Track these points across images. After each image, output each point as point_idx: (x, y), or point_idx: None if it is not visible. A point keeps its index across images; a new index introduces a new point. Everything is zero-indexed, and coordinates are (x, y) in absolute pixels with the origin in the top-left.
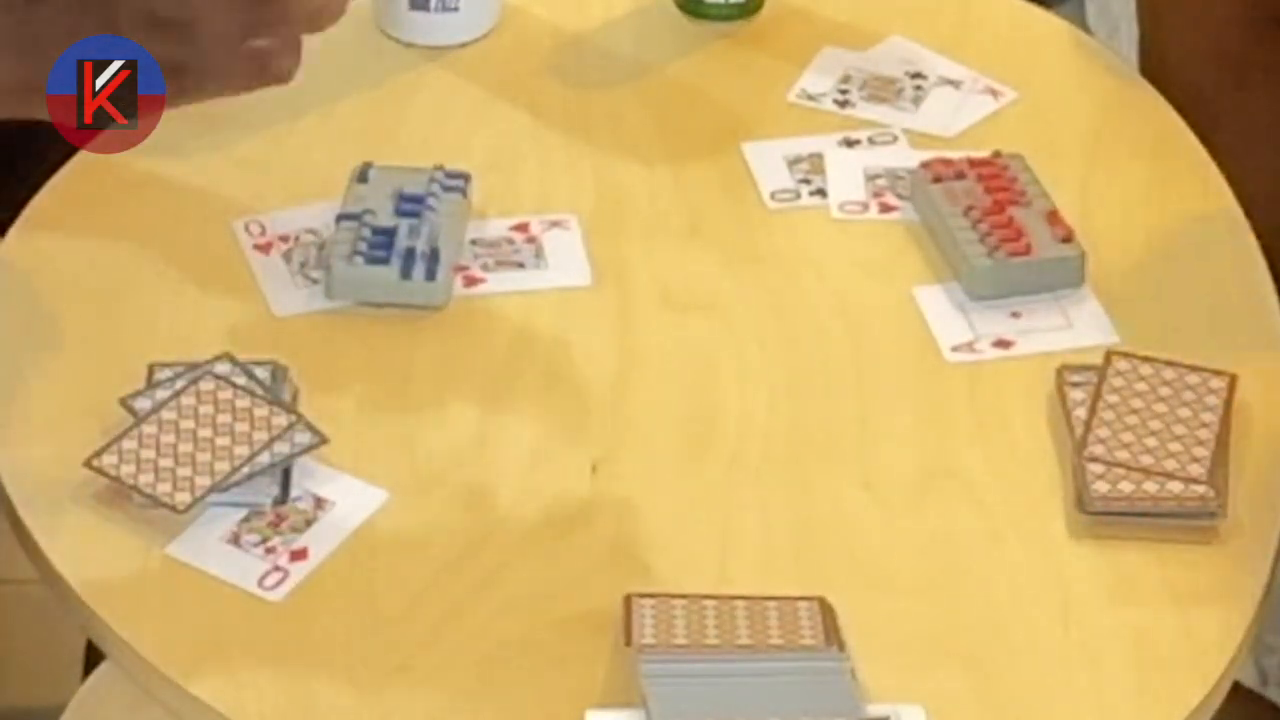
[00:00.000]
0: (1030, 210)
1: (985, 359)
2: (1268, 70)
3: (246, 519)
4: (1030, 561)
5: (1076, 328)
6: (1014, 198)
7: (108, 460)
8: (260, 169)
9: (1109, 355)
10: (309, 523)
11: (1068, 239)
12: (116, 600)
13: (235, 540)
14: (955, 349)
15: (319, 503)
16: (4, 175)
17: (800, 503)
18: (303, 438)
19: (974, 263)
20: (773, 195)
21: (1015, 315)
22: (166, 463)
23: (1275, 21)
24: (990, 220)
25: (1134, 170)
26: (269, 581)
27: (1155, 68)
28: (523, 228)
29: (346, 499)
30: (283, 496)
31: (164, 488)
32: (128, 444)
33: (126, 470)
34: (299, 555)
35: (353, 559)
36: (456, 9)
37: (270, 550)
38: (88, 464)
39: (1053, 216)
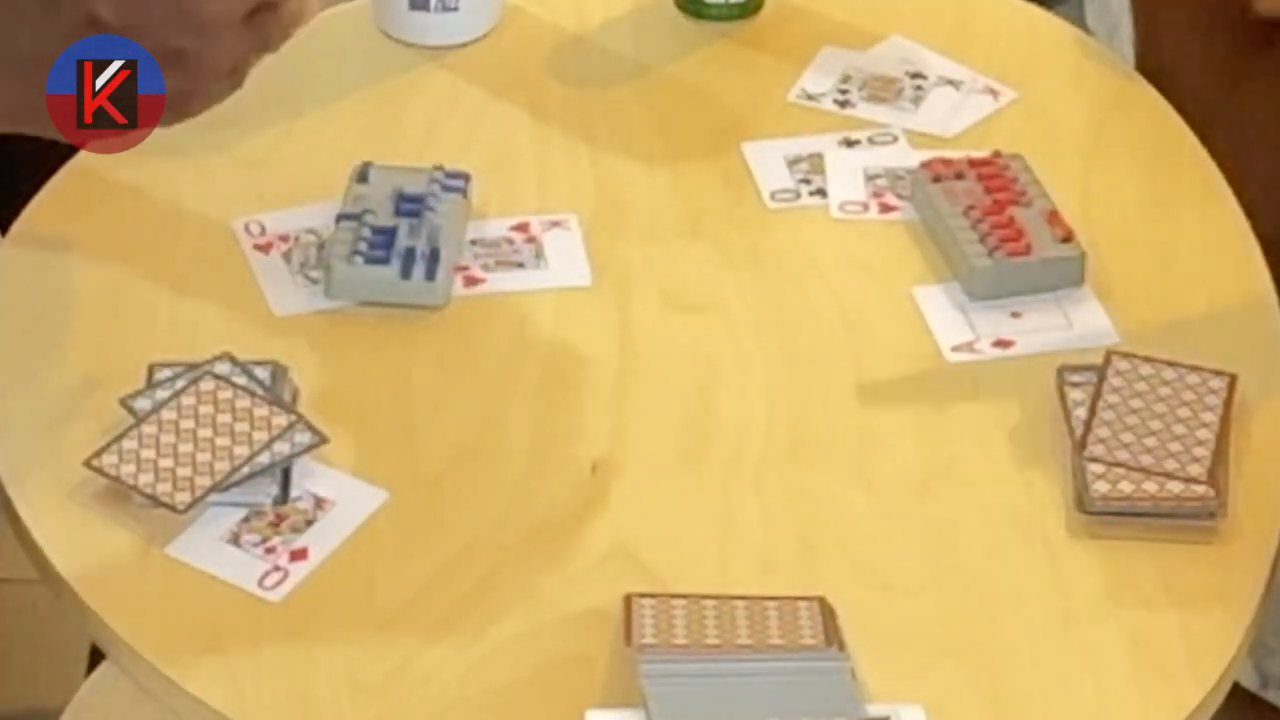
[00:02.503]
0: (1030, 210)
1: (985, 359)
2: (1262, 75)
3: (246, 519)
4: (1030, 561)
5: (1076, 328)
6: (1014, 198)
7: (108, 460)
8: (260, 169)
9: (1109, 355)
10: (309, 523)
11: (1068, 239)
12: (116, 600)
13: (235, 540)
14: (955, 349)
15: (319, 503)
16: (3, 175)
17: (800, 503)
18: (303, 438)
19: (974, 263)
20: (773, 195)
21: (1015, 315)
22: (166, 463)
23: (1268, 25)
24: (990, 220)
25: (1134, 170)
26: (269, 581)
27: (1150, 72)
28: (523, 228)
29: (346, 499)
30: (283, 496)
31: (164, 488)
32: (128, 444)
33: (126, 470)
34: (299, 555)
35: (353, 559)
36: (456, 9)
37: (270, 550)
38: (88, 464)
39: (1053, 216)
